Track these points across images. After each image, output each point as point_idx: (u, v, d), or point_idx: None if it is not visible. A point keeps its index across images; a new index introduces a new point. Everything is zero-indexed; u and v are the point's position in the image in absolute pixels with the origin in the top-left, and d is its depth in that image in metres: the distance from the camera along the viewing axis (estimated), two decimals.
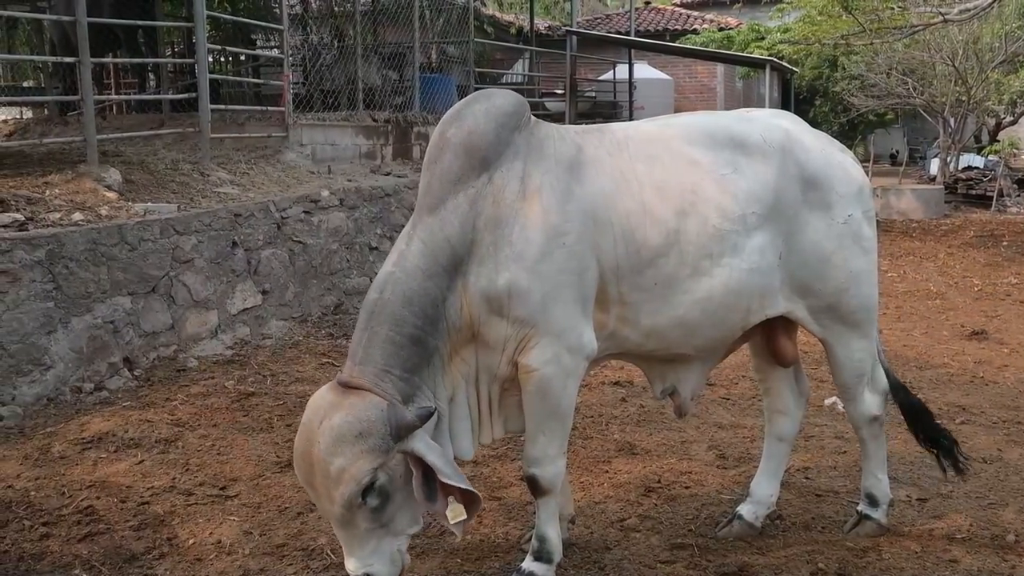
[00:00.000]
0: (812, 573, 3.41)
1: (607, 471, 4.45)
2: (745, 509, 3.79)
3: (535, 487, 3.22)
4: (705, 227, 3.23)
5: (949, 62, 17.22)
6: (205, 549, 3.68)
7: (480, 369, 3.14)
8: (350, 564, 2.88)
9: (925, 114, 20.30)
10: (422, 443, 2.85)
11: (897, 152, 25.25)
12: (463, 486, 2.82)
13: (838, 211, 3.45)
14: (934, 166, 19.50)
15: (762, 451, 3.92)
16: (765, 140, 3.40)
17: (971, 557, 3.55)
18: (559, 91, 17.49)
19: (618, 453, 4.69)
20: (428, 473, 2.82)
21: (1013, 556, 3.56)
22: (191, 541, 3.75)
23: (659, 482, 4.30)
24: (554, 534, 3.28)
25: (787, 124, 3.55)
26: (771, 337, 3.67)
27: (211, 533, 3.81)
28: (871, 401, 3.70)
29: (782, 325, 3.62)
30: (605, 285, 3.16)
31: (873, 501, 3.77)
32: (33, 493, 4.18)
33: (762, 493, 3.80)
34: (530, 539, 3.36)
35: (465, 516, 2.85)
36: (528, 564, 3.26)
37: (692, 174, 3.27)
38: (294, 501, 4.10)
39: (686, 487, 4.26)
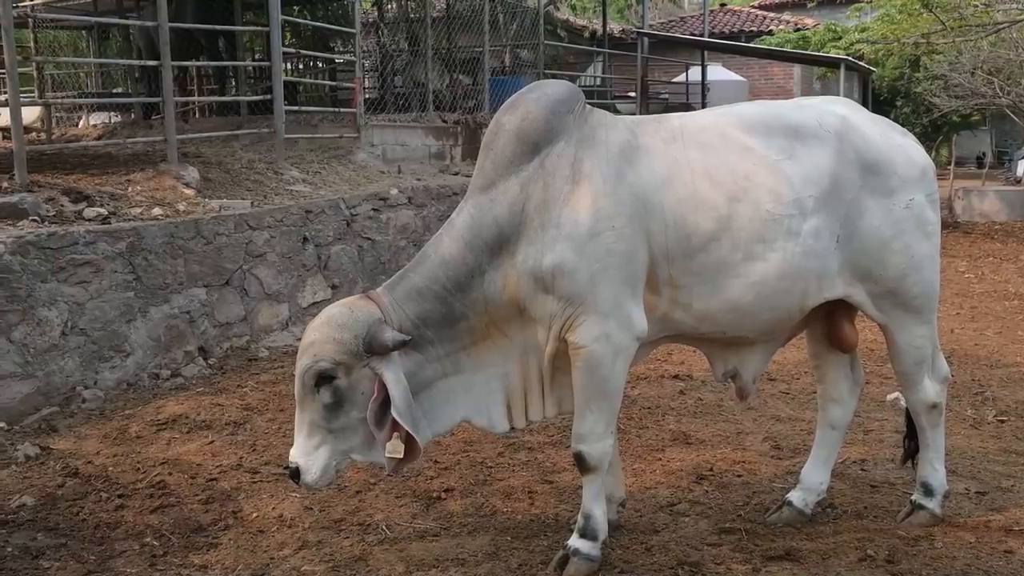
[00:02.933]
0: (860, 559, 3.39)
1: (660, 459, 4.48)
2: (795, 496, 3.79)
3: (582, 464, 3.29)
4: (758, 212, 3.24)
5: None
6: (267, 522, 3.85)
7: (528, 346, 3.25)
8: (292, 451, 3.11)
9: (1012, 115, 19.65)
10: (392, 373, 3.02)
11: (984, 154, 24.47)
12: (408, 429, 2.95)
13: (900, 196, 3.43)
14: (1021, 168, 18.88)
15: (814, 440, 3.92)
16: (821, 126, 3.40)
17: None
18: (632, 94, 17.48)
19: (672, 442, 4.72)
20: (386, 403, 2.98)
21: None
22: (255, 515, 3.92)
23: (711, 470, 4.32)
24: (600, 512, 3.34)
25: (844, 110, 3.53)
26: (834, 323, 3.65)
27: (274, 508, 3.97)
28: (931, 388, 3.65)
29: (845, 311, 3.61)
30: (655, 268, 3.22)
31: (928, 491, 3.72)
32: (111, 468, 4.41)
33: (812, 480, 3.79)
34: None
35: (401, 456, 2.99)
36: (574, 541, 3.33)
37: (745, 161, 3.30)
38: (353, 480, 4.25)
39: (738, 475, 4.27)
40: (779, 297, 3.33)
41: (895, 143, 3.51)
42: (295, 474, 3.10)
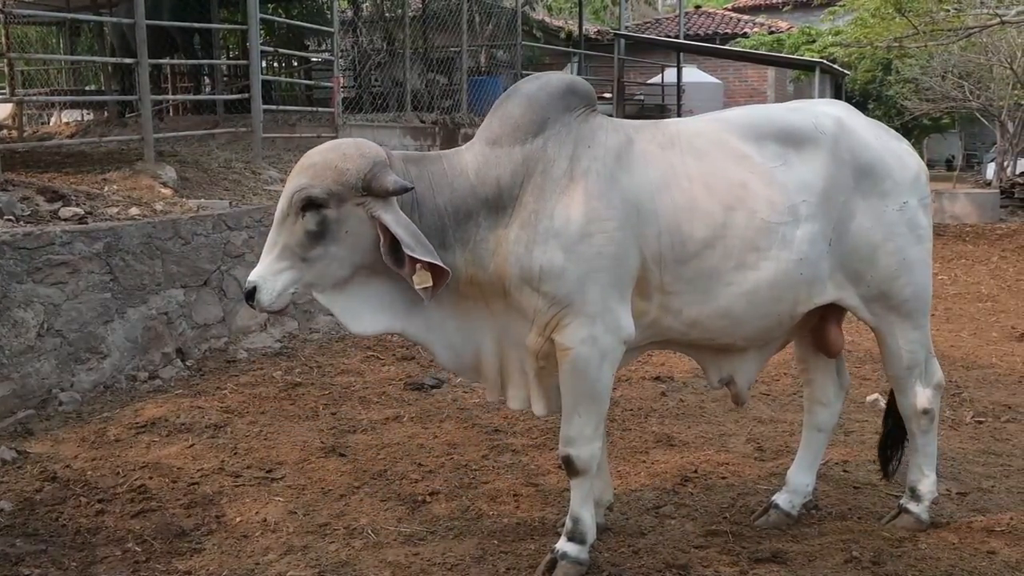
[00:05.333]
0: (846, 561, 3.42)
1: (644, 461, 4.49)
2: (781, 498, 3.80)
3: (570, 467, 3.28)
4: (752, 221, 3.24)
5: (1007, 65, 16.84)
6: (251, 527, 3.81)
7: (509, 332, 3.24)
8: (255, 270, 3.03)
9: (982, 118, 19.91)
10: (390, 215, 2.96)
11: (953, 157, 24.78)
12: (426, 259, 2.91)
13: (893, 199, 3.43)
14: (991, 170, 19.14)
15: (800, 442, 3.94)
16: (816, 128, 3.40)
17: (1010, 549, 3.52)
18: (607, 95, 17.53)
19: (656, 444, 4.73)
20: (395, 245, 2.95)
21: None
22: (238, 519, 3.88)
23: (696, 472, 4.33)
24: (588, 515, 3.34)
25: (839, 112, 3.53)
26: (822, 327, 3.65)
27: (257, 512, 3.93)
28: (922, 394, 3.65)
29: (834, 315, 3.62)
30: (647, 274, 3.21)
31: (916, 496, 3.72)
32: (90, 473, 4.35)
33: (799, 482, 3.81)
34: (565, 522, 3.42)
35: (431, 283, 2.94)
36: (562, 544, 3.33)
37: (741, 168, 3.29)
38: (337, 484, 4.22)
39: (723, 477, 4.28)
40: (771, 304, 3.32)
41: (890, 147, 3.51)
42: (251, 294, 3.01)
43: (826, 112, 3.49)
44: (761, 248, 3.25)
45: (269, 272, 3.00)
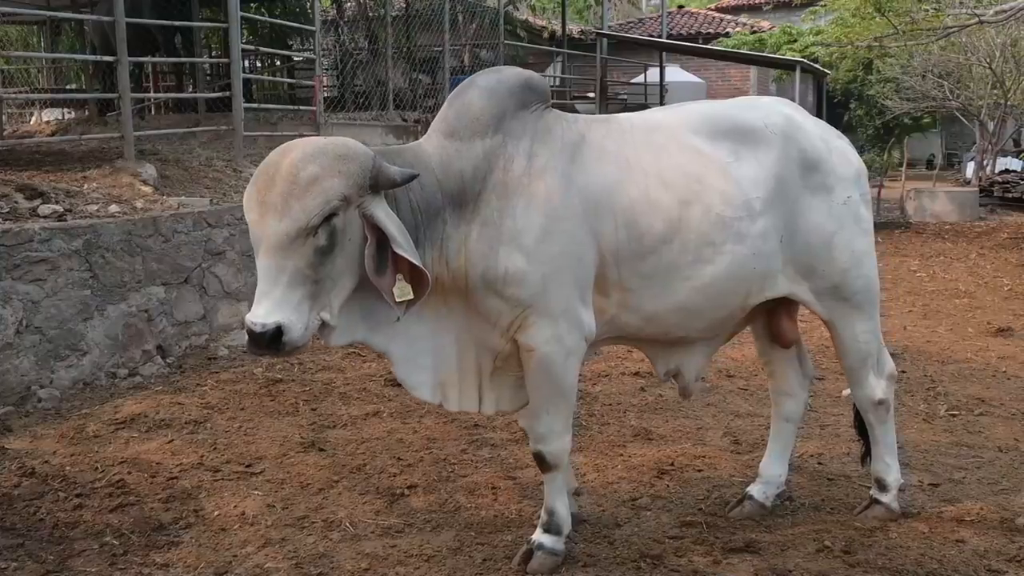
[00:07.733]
0: (818, 550, 3.47)
1: (622, 454, 4.53)
2: (755, 489, 3.86)
3: (542, 463, 3.32)
4: (708, 215, 3.28)
5: (986, 64, 17.02)
6: (229, 520, 3.82)
7: (471, 334, 3.20)
8: (264, 309, 2.65)
9: (962, 117, 20.08)
10: (382, 211, 2.80)
11: (933, 156, 24.96)
12: (414, 260, 2.77)
13: (838, 193, 3.51)
14: (970, 169, 19.32)
15: (770, 434, 3.99)
16: (767, 126, 3.47)
17: (979, 538, 3.58)
18: (591, 94, 17.57)
19: (634, 438, 4.77)
20: (382, 245, 2.78)
21: (1021, 538, 3.59)
22: (216, 513, 3.89)
23: (672, 465, 4.37)
24: (562, 507, 3.38)
25: (788, 110, 3.62)
26: (773, 319, 3.74)
27: (236, 506, 3.95)
28: (876, 385, 3.73)
29: (784, 307, 3.69)
30: (605, 270, 3.22)
31: (883, 486, 3.80)
32: (68, 468, 4.35)
33: (771, 473, 3.87)
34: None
35: (411, 296, 2.80)
36: (538, 536, 3.36)
37: (696, 163, 3.33)
38: (316, 478, 4.24)
39: (699, 470, 4.33)
40: (724, 298, 3.38)
41: (833, 144, 3.61)
42: (275, 336, 2.63)
43: (776, 110, 3.57)
44: (716, 242, 3.29)
45: (290, 305, 2.67)
